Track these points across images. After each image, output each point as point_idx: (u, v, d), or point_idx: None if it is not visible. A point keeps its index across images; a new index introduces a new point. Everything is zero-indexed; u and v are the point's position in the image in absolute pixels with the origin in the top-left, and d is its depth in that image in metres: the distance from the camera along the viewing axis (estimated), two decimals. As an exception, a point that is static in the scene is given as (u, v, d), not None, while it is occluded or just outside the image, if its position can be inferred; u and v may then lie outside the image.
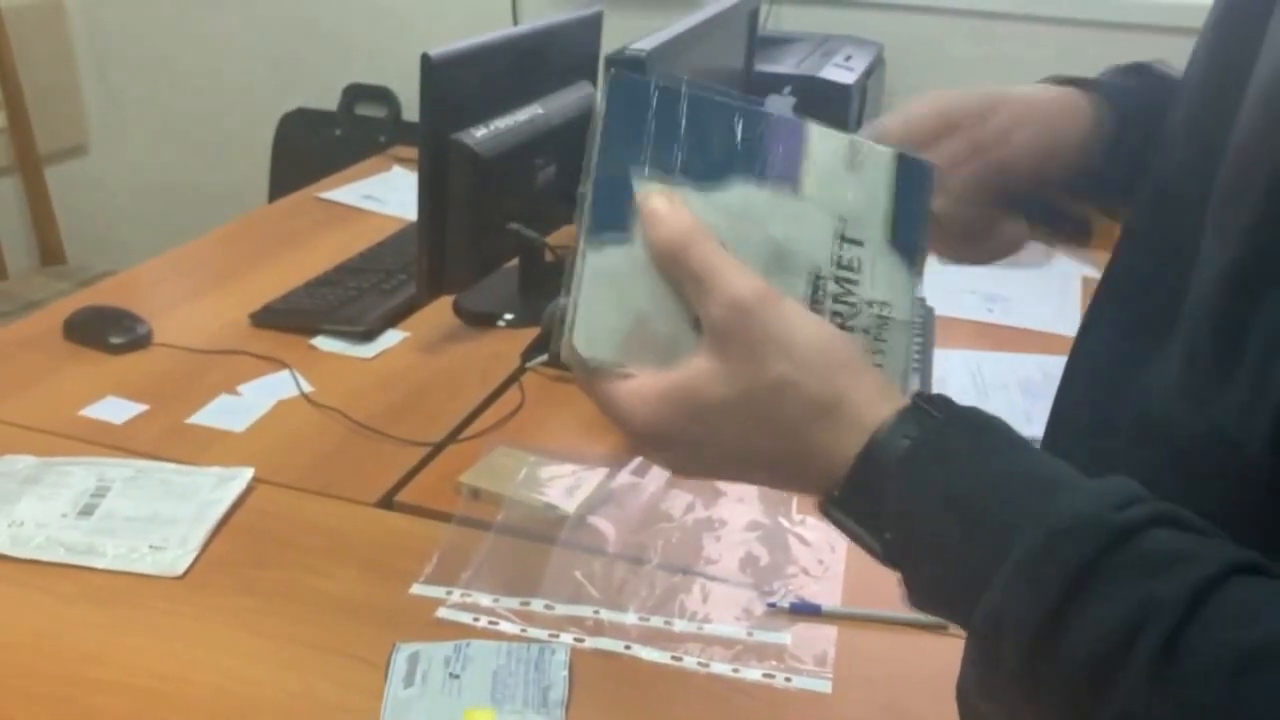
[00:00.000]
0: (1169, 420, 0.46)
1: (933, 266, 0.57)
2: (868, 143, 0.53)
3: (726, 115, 0.51)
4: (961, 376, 1.27)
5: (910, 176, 0.52)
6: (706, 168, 0.50)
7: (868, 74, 1.90)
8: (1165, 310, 0.49)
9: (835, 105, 1.76)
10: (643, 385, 0.48)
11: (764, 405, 0.46)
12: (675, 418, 0.47)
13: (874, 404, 0.46)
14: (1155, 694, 0.36)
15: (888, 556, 0.45)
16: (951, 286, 1.48)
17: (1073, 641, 0.38)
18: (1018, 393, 1.25)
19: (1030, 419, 0.86)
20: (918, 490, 0.44)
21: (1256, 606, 0.37)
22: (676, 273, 0.48)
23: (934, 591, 0.45)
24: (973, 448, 0.45)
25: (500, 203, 1.45)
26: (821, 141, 0.52)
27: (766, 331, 0.46)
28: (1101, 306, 0.60)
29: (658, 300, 0.49)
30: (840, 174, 0.51)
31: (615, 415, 0.49)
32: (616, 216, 0.49)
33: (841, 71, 1.80)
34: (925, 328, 0.49)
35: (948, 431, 0.45)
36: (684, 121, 0.50)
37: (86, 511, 1.05)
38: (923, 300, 0.54)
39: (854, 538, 0.47)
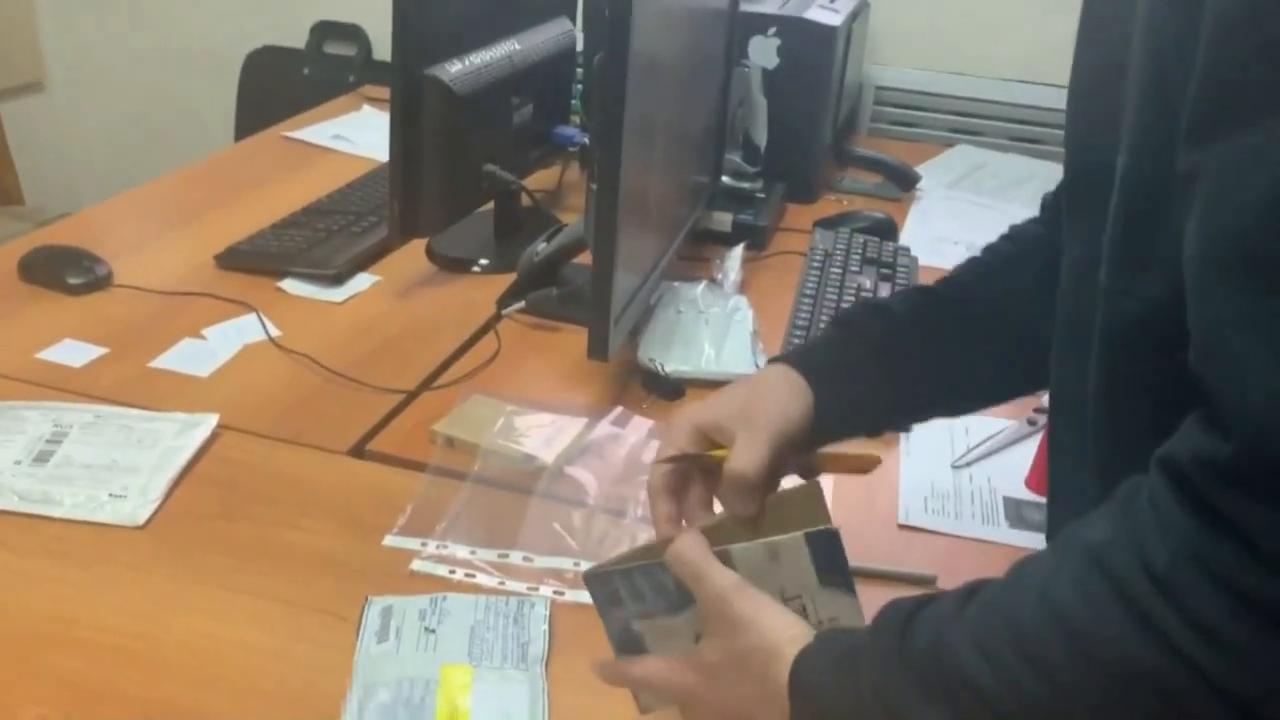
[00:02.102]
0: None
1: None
2: (781, 538, 0.67)
3: (662, 572, 0.69)
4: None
5: (821, 544, 0.66)
6: (670, 602, 0.69)
7: (853, 17, 1.85)
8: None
9: (820, 47, 1.71)
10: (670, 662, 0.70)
11: (738, 669, 0.64)
12: (685, 674, 0.68)
13: (791, 648, 0.62)
14: (959, 625, 0.55)
15: None
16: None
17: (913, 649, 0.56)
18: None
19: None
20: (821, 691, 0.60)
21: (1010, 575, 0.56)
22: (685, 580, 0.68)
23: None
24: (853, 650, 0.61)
25: (475, 142, 1.40)
26: (742, 556, 0.67)
27: (738, 612, 0.64)
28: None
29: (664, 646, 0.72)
30: (767, 568, 0.67)
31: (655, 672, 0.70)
32: (630, 645, 0.72)
33: (827, 13, 1.75)
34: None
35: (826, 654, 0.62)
36: (641, 586, 0.70)
37: (42, 458, 1.00)
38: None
39: None
